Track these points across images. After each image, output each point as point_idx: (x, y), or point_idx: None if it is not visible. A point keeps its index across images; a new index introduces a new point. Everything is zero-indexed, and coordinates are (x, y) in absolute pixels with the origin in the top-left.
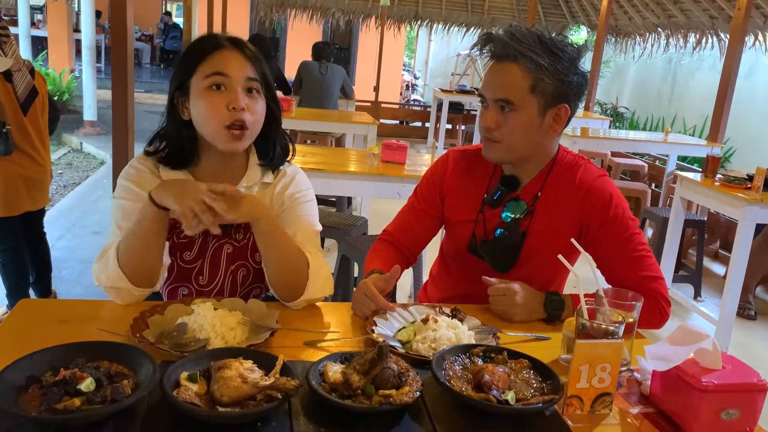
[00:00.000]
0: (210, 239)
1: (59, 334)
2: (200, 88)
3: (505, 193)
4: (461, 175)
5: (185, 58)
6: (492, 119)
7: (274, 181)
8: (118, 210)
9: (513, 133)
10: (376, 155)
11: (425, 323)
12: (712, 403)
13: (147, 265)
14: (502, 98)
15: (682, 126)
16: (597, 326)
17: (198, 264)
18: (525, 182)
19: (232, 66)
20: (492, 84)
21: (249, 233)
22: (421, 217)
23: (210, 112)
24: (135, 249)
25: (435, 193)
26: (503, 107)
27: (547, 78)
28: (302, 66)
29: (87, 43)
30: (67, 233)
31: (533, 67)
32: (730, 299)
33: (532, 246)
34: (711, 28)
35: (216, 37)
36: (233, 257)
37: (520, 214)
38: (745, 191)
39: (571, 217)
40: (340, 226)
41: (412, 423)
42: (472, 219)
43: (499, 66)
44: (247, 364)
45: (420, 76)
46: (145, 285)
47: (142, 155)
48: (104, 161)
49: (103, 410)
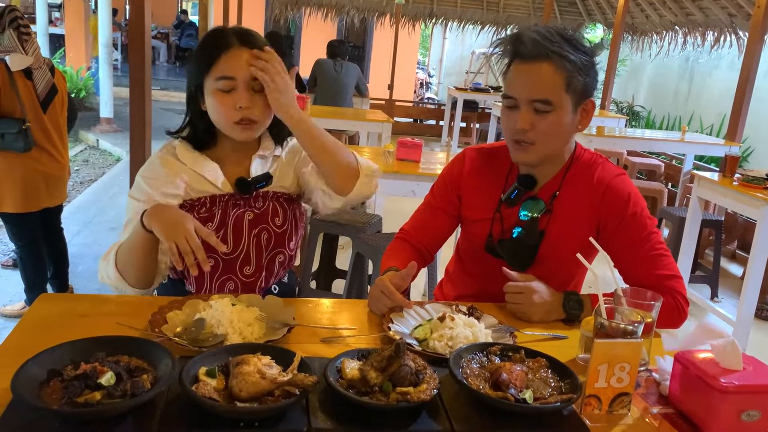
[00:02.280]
0: (230, 210)
1: (79, 328)
2: (211, 89)
3: (522, 192)
4: (478, 173)
5: (198, 58)
6: (526, 121)
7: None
8: (131, 210)
9: (548, 134)
10: (391, 153)
11: (442, 321)
12: (732, 404)
13: (142, 273)
14: (540, 99)
15: (699, 125)
16: (615, 326)
17: (221, 234)
18: (543, 181)
19: (238, 67)
20: (526, 85)
21: (267, 201)
22: (438, 216)
23: (220, 111)
24: (130, 259)
25: (452, 192)
26: (538, 109)
27: (578, 75)
28: (317, 64)
29: (103, 41)
30: (83, 229)
31: (566, 65)
32: (748, 300)
33: (550, 245)
34: (729, 26)
35: (225, 35)
36: (255, 222)
37: (538, 213)
38: (763, 191)
39: (589, 215)
40: (355, 224)
41: (430, 421)
42: (489, 218)
43: (530, 66)
44: (265, 360)
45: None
46: (142, 287)
47: (165, 145)
48: (120, 158)
49: (124, 404)
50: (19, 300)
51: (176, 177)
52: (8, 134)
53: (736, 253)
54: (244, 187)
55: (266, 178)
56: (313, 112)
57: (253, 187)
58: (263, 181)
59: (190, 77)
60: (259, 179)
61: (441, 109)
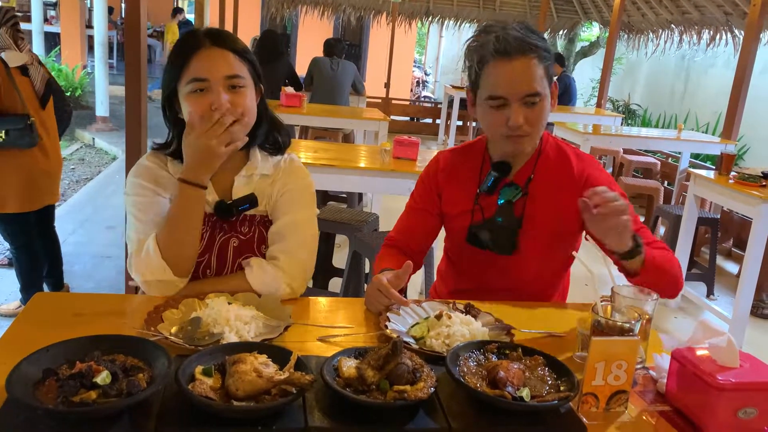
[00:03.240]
0: (217, 233)
1: (74, 327)
2: (185, 92)
3: (499, 179)
4: (453, 170)
5: (170, 63)
6: (521, 116)
7: (275, 174)
8: (133, 206)
9: (540, 122)
10: (388, 151)
11: (439, 319)
12: (729, 401)
13: (187, 250)
14: (532, 93)
15: (695, 123)
16: (613, 323)
17: (205, 258)
18: (517, 166)
19: (210, 67)
20: (518, 82)
21: (254, 226)
22: (422, 217)
23: (196, 115)
24: (176, 236)
25: (432, 190)
26: (530, 102)
27: (549, 62)
28: (313, 62)
29: (99, 39)
30: (79, 228)
31: (544, 55)
32: (744, 298)
33: (530, 228)
34: (725, 24)
35: (195, 35)
36: (240, 250)
37: (513, 197)
38: (759, 189)
39: (568, 200)
40: (352, 222)
41: (427, 419)
42: (469, 209)
43: (515, 62)
44: (261, 359)
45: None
46: (185, 273)
47: (151, 152)
48: (116, 157)
49: (119, 403)
50: (14, 299)
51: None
52: (13, 131)
53: (732, 251)
54: (224, 211)
55: (250, 200)
56: (309, 111)
57: (234, 211)
58: (246, 204)
59: (164, 84)
60: (241, 202)
61: (437, 108)
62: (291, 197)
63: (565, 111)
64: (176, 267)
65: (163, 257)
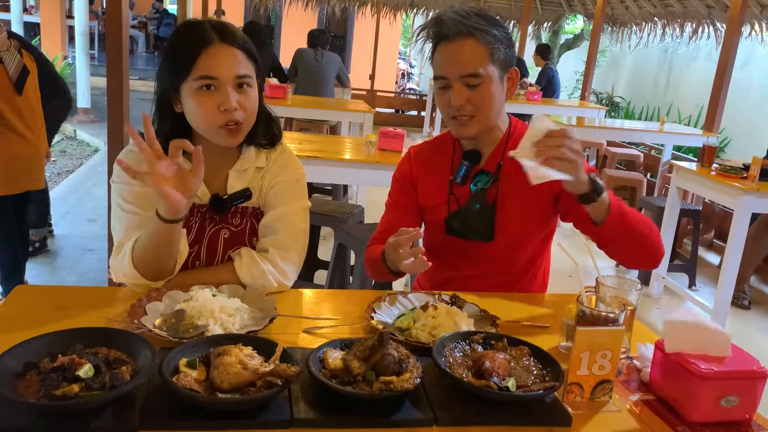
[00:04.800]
0: (207, 224)
1: (56, 320)
2: (190, 88)
3: (470, 167)
4: (425, 163)
5: (173, 56)
6: (462, 96)
7: (267, 165)
8: (120, 195)
9: (484, 105)
10: (373, 143)
11: (425, 310)
12: (712, 390)
13: (163, 268)
14: (468, 73)
15: (677, 116)
16: (597, 314)
17: (195, 249)
18: (487, 154)
19: (221, 66)
20: (454, 62)
21: (246, 219)
22: (401, 213)
23: (202, 113)
24: (151, 257)
25: (407, 186)
26: (469, 83)
27: (500, 46)
28: (298, 53)
29: (80, 30)
30: (61, 221)
31: (488, 38)
32: (725, 288)
33: (506, 213)
34: (707, 17)
35: (203, 30)
36: (231, 242)
37: (485, 184)
38: (741, 181)
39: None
40: (337, 214)
41: (413, 409)
42: (445, 200)
43: (454, 44)
44: (246, 351)
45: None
46: (161, 279)
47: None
48: (98, 149)
49: (103, 396)
50: None
51: None
52: None
53: (713, 243)
54: (218, 206)
55: (244, 194)
56: (294, 102)
57: (229, 206)
58: (241, 198)
59: (165, 77)
60: (236, 196)
61: (423, 100)
62: (283, 188)
63: (549, 103)
64: (150, 277)
65: (136, 268)
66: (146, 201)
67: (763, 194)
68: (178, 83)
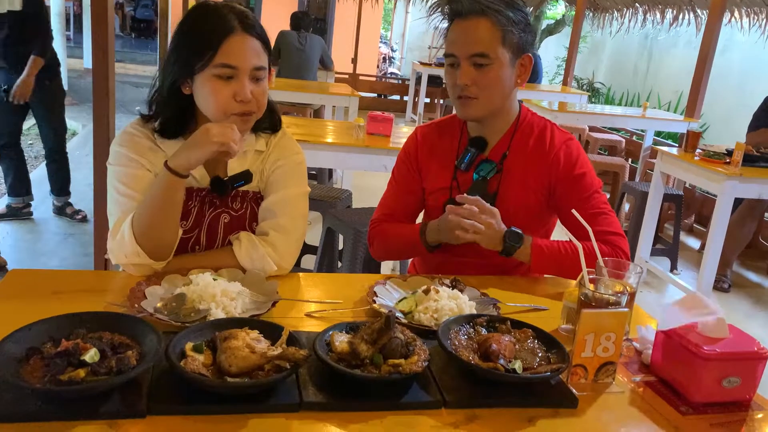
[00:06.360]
0: (206, 209)
1: (54, 304)
2: (209, 74)
3: (475, 155)
4: (432, 146)
5: (193, 41)
6: (468, 76)
7: (267, 149)
8: (117, 177)
9: (490, 87)
10: (362, 127)
11: (426, 294)
12: (714, 371)
13: (165, 237)
14: (477, 53)
15: (657, 102)
16: (600, 296)
17: (195, 234)
18: (493, 142)
19: (241, 56)
20: (464, 40)
21: (246, 202)
22: (404, 195)
23: (217, 101)
24: (153, 222)
25: (412, 168)
26: (477, 63)
27: (514, 29)
28: (281, 36)
29: (56, 10)
30: (41, 205)
31: (502, 20)
32: (707, 272)
33: (504, 205)
34: (688, 4)
35: (226, 17)
36: (231, 226)
37: (488, 174)
38: (724, 166)
39: (540, 177)
40: (325, 199)
41: (421, 392)
42: (447, 186)
43: (467, 22)
44: (253, 335)
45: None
46: (163, 257)
47: (139, 120)
48: (76, 132)
49: (111, 381)
50: None
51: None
52: None
53: (694, 227)
54: (219, 187)
55: (245, 176)
56: (277, 86)
57: (230, 187)
58: (242, 180)
59: (180, 60)
60: (237, 178)
61: (405, 85)
62: (283, 173)
63: (531, 89)
64: (152, 253)
65: (137, 242)
66: (141, 183)
67: (746, 179)
68: (195, 68)
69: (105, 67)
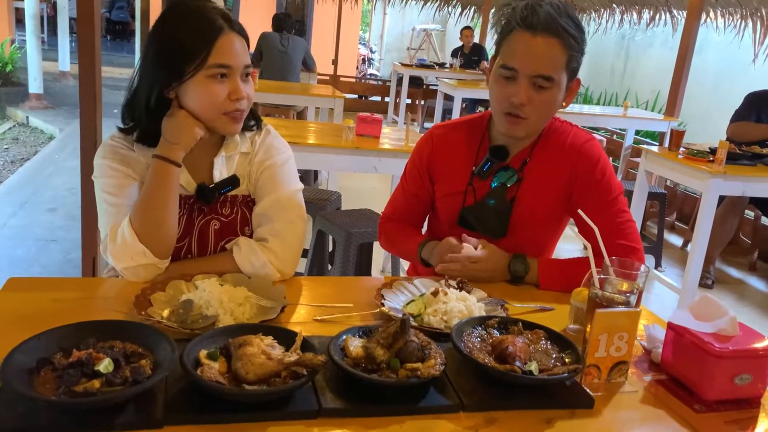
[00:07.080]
0: (195, 216)
1: (57, 314)
2: (201, 76)
3: (495, 164)
4: (448, 149)
5: (181, 44)
6: (525, 95)
7: (253, 150)
8: (104, 189)
9: (542, 110)
10: (351, 129)
11: (435, 296)
12: (727, 368)
13: (167, 229)
14: (543, 75)
15: (635, 101)
16: (610, 296)
17: (186, 242)
18: (515, 151)
19: (233, 55)
20: (534, 58)
21: (236, 207)
22: (413, 201)
23: (212, 101)
24: (153, 215)
25: (423, 175)
26: (539, 84)
27: (577, 54)
28: (263, 37)
29: (31, 12)
30: (19, 210)
31: (572, 43)
32: (693, 269)
33: (521, 212)
34: (664, 4)
35: (212, 17)
36: (222, 232)
37: (508, 181)
38: (708, 164)
39: (559, 181)
40: (315, 201)
41: (439, 396)
42: (462, 191)
43: (538, 39)
44: (267, 341)
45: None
46: (165, 255)
47: (116, 133)
48: (53, 136)
49: (127, 392)
50: None
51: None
52: None
53: (675, 225)
54: (205, 195)
55: (232, 182)
56: (260, 88)
57: (216, 194)
58: (229, 186)
59: (167, 65)
60: (224, 184)
61: (386, 86)
62: (272, 173)
63: None
64: (155, 249)
65: (141, 241)
66: (128, 191)
67: (729, 177)
68: (185, 71)
69: (92, 69)
